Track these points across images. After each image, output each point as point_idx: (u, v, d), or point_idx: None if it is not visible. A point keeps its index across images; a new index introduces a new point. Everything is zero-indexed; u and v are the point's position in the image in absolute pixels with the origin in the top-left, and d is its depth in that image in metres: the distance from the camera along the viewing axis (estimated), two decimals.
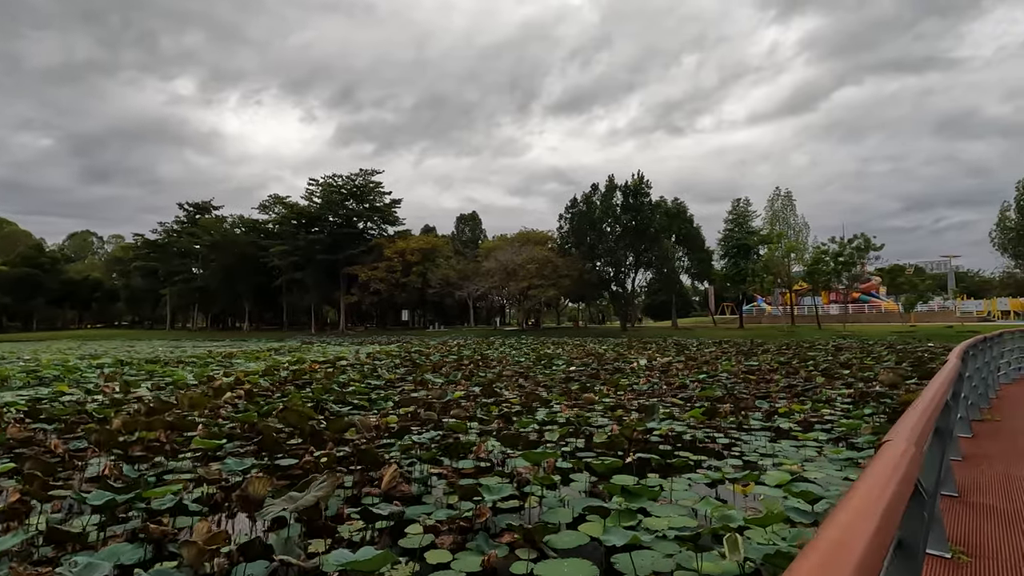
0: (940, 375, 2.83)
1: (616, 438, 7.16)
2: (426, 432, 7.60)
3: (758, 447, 7.96)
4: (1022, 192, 38.45)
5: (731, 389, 12.85)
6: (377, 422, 8.45)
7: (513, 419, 8.29)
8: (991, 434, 6.46)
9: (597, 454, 7.12)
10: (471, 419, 8.60)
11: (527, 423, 8.08)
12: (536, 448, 7.07)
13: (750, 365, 17.75)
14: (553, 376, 15.40)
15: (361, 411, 10.12)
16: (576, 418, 8.88)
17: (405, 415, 9.06)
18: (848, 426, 8.38)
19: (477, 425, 8.42)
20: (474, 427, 8.29)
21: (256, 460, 6.18)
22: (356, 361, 21.65)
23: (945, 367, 3.05)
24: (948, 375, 2.78)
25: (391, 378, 15.06)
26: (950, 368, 2.98)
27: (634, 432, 6.81)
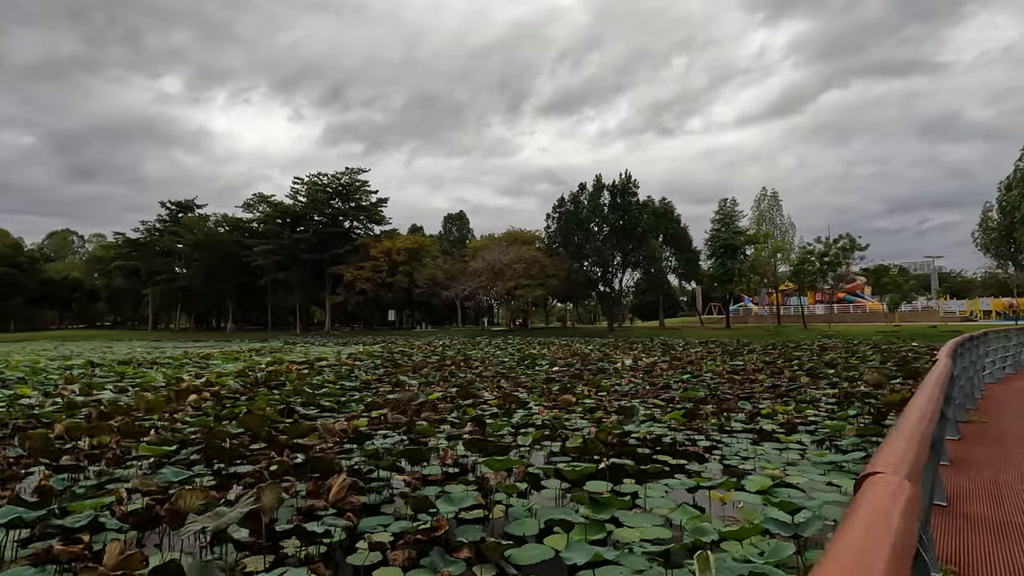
0: (931, 378, 2.54)
1: (592, 442, 6.83)
2: (393, 436, 7.23)
3: (740, 450, 7.68)
4: (1004, 193, 38.80)
5: (714, 390, 12.60)
6: (344, 426, 8.06)
7: (487, 422, 7.94)
8: (978, 436, 6.22)
9: (572, 459, 6.80)
10: (442, 422, 8.23)
11: (501, 426, 7.74)
12: (507, 453, 6.73)
13: (735, 365, 17.55)
14: (535, 377, 15.07)
15: (331, 414, 9.72)
16: (553, 420, 8.55)
17: (377, 418, 8.68)
18: (832, 427, 8.14)
19: (449, 428, 8.06)
20: (446, 431, 7.93)
21: (206, 468, 5.78)
22: (336, 362, 21.17)
23: (935, 369, 2.76)
24: (939, 378, 2.49)
25: (368, 379, 14.64)
26: (941, 369, 2.68)
27: (609, 436, 6.48)
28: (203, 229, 69.81)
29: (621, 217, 51.65)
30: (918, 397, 2.47)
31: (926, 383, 2.69)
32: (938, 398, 2.22)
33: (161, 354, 30.18)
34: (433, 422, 8.17)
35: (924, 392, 2.54)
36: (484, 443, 5.97)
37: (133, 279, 76.52)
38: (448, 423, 8.27)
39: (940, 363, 2.87)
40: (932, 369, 2.62)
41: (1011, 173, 38.30)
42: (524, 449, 7.37)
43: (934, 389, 2.45)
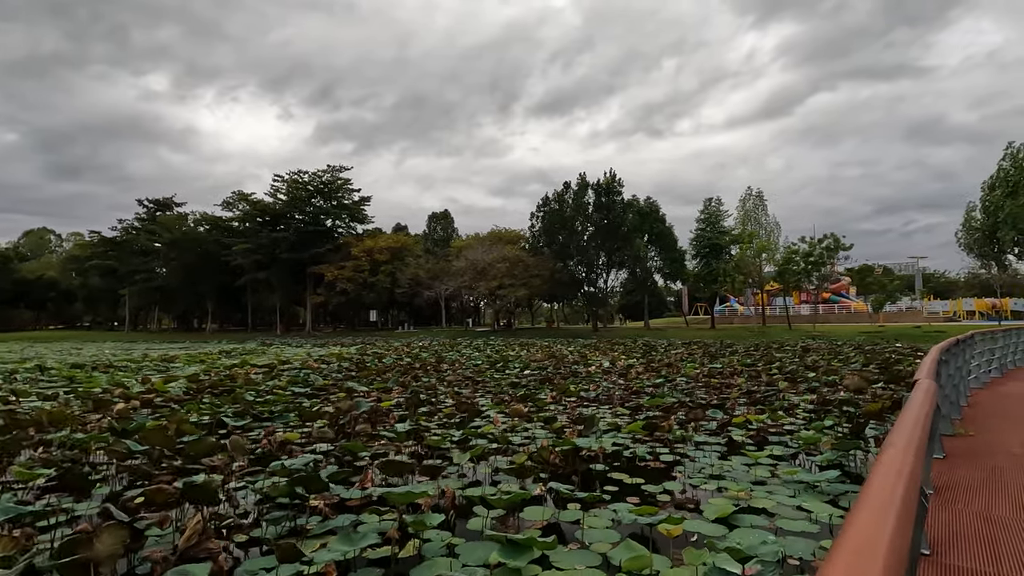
0: (910, 412, 1.81)
1: (538, 458, 6.06)
2: (311, 455, 6.41)
3: (705, 465, 6.95)
4: (987, 193, 38.64)
5: (689, 395, 11.90)
6: (264, 440, 7.23)
7: (425, 435, 7.14)
8: (966, 454, 5.51)
9: (514, 478, 6.02)
10: (376, 438, 7.41)
11: (441, 441, 6.94)
12: (437, 476, 5.93)
13: (713, 368, 16.89)
14: (501, 382, 14.29)
15: (267, 424, 8.87)
16: (502, 434, 7.78)
17: (310, 431, 7.85)
18: (807, 439, 7.43)
19: (383, 444, 7.25)
20: (377, 447, 7.12)
21: (67, 498, 4.92)
22: (301, 365, 20.24)
23: (914, 398, 2.02)
24: (919, 415, 1.76)
25: (324, 384, 13.77)
26: (920, 401, 1.94)
27: (552, 453, 5.70)
28: (180, 228, 68.21)
29: (605, 216, 50.99)
30: (896, 432, 1.73)
31: (905, 415, 1.94)
32: (916, 453, 1.47)
33: (127, 356, 29.02)
34: (367, 437, 7.35)
35: (903, 426, 1.79)
36: (401, 467, 5.16)
37: (110, 279, 74.67)
38: (386, 436, 7.45)
39: (920, 393, 2.12)
40: (910, 401, 1.89)
41: (994, 173, 38.17)
42: (464, 468, 6.58)
43: (914, 427, 1.70)
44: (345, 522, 4.85)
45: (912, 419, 1.70)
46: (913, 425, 1.67)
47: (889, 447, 1.64)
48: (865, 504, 1.10)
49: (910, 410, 1.86)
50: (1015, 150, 36.72)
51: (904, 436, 1.57)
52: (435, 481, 5.99)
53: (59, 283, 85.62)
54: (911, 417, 1.73)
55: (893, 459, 1.53)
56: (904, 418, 1.76)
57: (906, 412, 1.84)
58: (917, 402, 1.87)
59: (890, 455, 1.55)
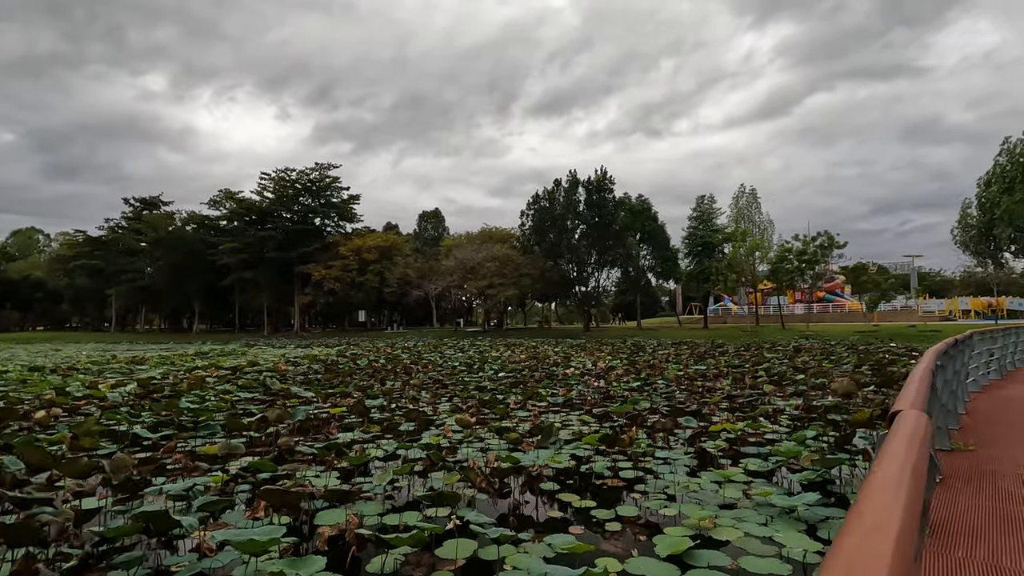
0: (882, 479, 0.97)
1: (468, 477, 5.19)
2: (206, 476, 5.52)
3: (670, 484, 6.09)
4: (983, 189, 37.88)
5: (669, 398, 11.05)
6: (176, 456, 6.35)
7: (347, 450, 6.27)
8: (966, 476, 4.66)
9: (430, 505, 5.15)
10: (290, 454, 6.52)
11: (364, 458, 6.06)
12: (346, 503, 5.05)
13: (698, 369, 16.05)
14: (469, 385, 13.42)
15: (184, 436, 7.98)
16: (456, 444, 6.93)
17: (231, 444, 6.96)
18: (786, 453, 6.58)
19: (296, 463, 6.37)
20: (303, 460, 6.24)
21: None
22: (270, 368, 19.32)
23: (890, 452, 1.17)
24: (901, 484, 0.94)
25: (280, 388, 12.88)
26: (902, 457, 1.12)
27: (479, 477, 4.82)
28: (166, 227, 67.09)
29: (597, 214, 50.12)
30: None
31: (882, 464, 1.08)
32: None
33: (99, 357, 28.07)
34: (285, 453, 6.47)
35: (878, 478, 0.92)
36: (285, 496, 4.27)
37: (97, 279, 73.49)
38: (307, 451, 6.56)
39: (900, 442, 1.23)
40: (881, 456, 1.04)
41: (991, 169, 37.40)
42: (367, 493, 5.70)
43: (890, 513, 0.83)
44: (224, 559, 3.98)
45: (888, 491, 0.86)
46: (890, 503, 0.83)
47: (836, 557, 0.76)
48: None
49: (881, 478, 1.00)
50: (1012, 145, 36.00)
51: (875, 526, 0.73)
52: (346, 507, 5.12)
53: (46, 283, 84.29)
54: (886, 487, 0.89)
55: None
56: (870, 489, 0.91)
57: (873, 482, 0.97)
58: (895, 458, 1.01)
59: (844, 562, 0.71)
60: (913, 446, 1.13)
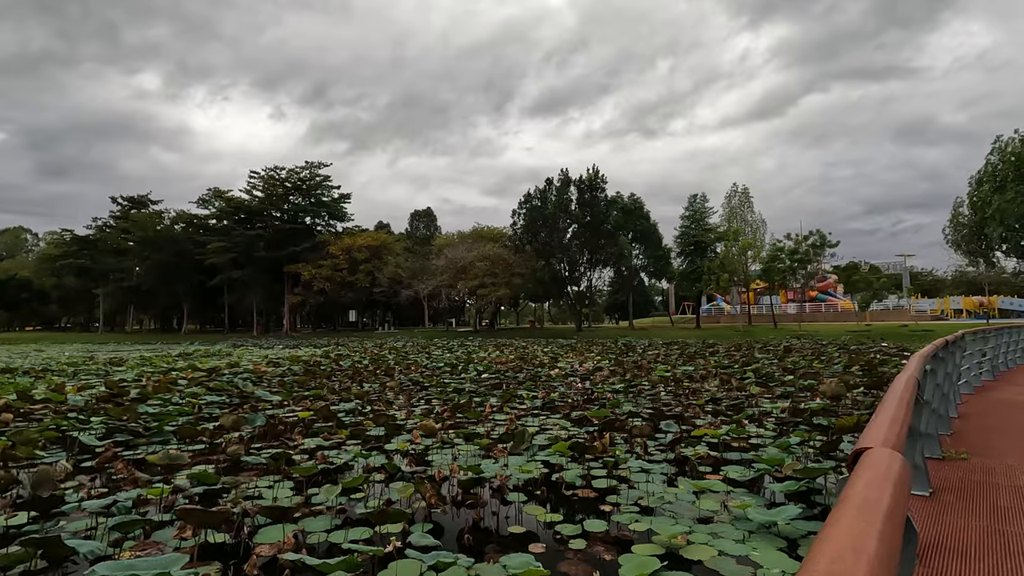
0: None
1: (420, 491, 4.78)
2: (136, 489, 5.09)
3: (645, 494, 5.70)
4: (975, 188, 37.74)
5: (653, 400, 10.68)
6: (120, 466, 5.91)
7: (310, 457, 5.86)
8: (959, 489, 4.28)
9: (371, 524, 4.73)
10: (234, 465, 6.09)
11: (313, 469, 5.63)
12: (282, 520, 4.63)
13: (686, 370, 15.69)
14: (449, 387, 13.00)
15: (138, 443, 7.54)
16: (422, 450, 6.52)
17: (173, 452, 6.55)
18: (769, 461, 6.20)
19: (251, 469, 5.94)
20: (228, 482, 5.82)
21: None
22: (250, 369, 18.83)
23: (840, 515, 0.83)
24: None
25: (250, 392, 12.42)
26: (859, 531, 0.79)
27: (430, 493, 4.41)
28: (154, 226, 66.24)
29: (588, 213, 49.74)
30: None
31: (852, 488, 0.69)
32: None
33: (81, 358, 27.45)
34: (229, 463, 6.04)
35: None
36: (207, 516, 3.85)
37: (85, 279, 72.56)
38: (252, 462, 6.13)
39: (870, 481, 0.90)
40: (834, 514, 0.71)
41: (982, 168, 37.25)
42: (340, 503, 5.28)
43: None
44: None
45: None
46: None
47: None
48: None
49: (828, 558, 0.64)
50: (1003, 144, 35.85)
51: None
52: (287, 524, 4.71)
53: (32, 283, 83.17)
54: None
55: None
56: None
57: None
58: (850, 526, 0.65)
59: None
60: (878, 508, 0.75)
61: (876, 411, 1.74)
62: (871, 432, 1.33)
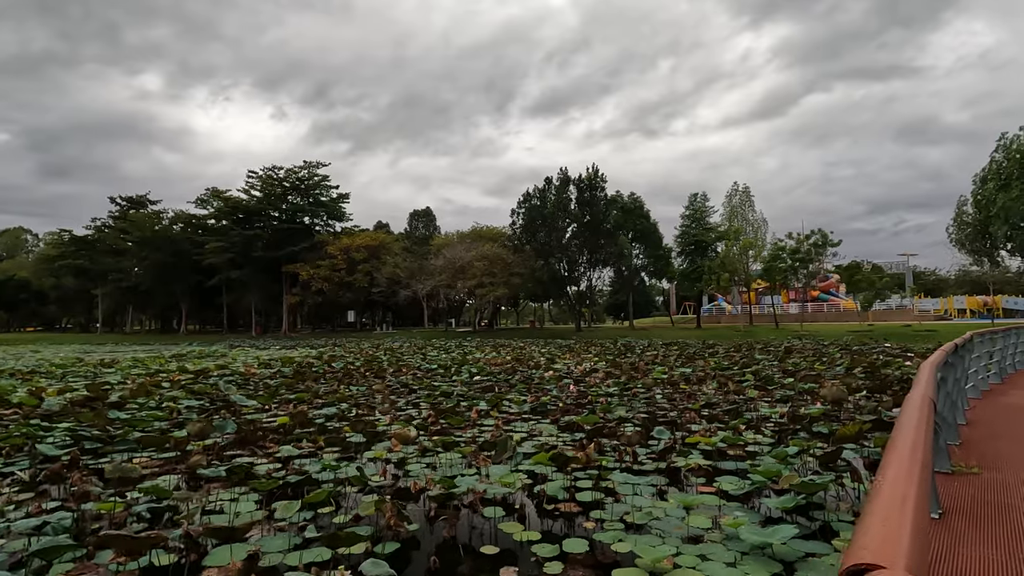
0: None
1: (380, 508, 4.40)
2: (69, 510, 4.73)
3: (631, 509, 5.32)
4: (980, 186, 37.24)
5: (649, 403, 10.30)
6: (75, 477, 5.55)
7: (254, 473, 5.49)
8: (969, 508, 3.89)
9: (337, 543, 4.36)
10: (190, 477, 5.72)
11: (274, 483, 5.26)
12: (232, 540, 4.25)
13: (684, 372, 15.29)
14: (437, 390, 12.62)
15: (102, 451, 7.20)
16: (392, 460, 6.15)
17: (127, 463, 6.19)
18: (765, 473, 5.81)
19: (215, 481, 5.58)
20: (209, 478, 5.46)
21: None
22: (238, 371, 18.48)
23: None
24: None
25: (228, 395, 12.06)
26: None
27: (389, 513, 4.04)
28: (152, 226, 65.99)
29: (588, 212, 49.31)
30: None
31: None
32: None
33: (72, 361, 27.14)
34: (186, 475, 5.67)
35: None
36: (133, 542, 3.48)
37: (83, 279, 72.36)
38: (208, 475, 5.77)
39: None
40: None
41: (987, 165, 36.75)
42: (295, 521, 4.91)
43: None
44: None
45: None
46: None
47: None
48: None
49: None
50: (1008, 141, 35.36)
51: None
52: (243, 546, 4.34)
53: (31, 284, 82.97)
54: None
55: None
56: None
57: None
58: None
59: None
60: None
61: (881, 468, 1.34)
62: (872, 528, 0.84)
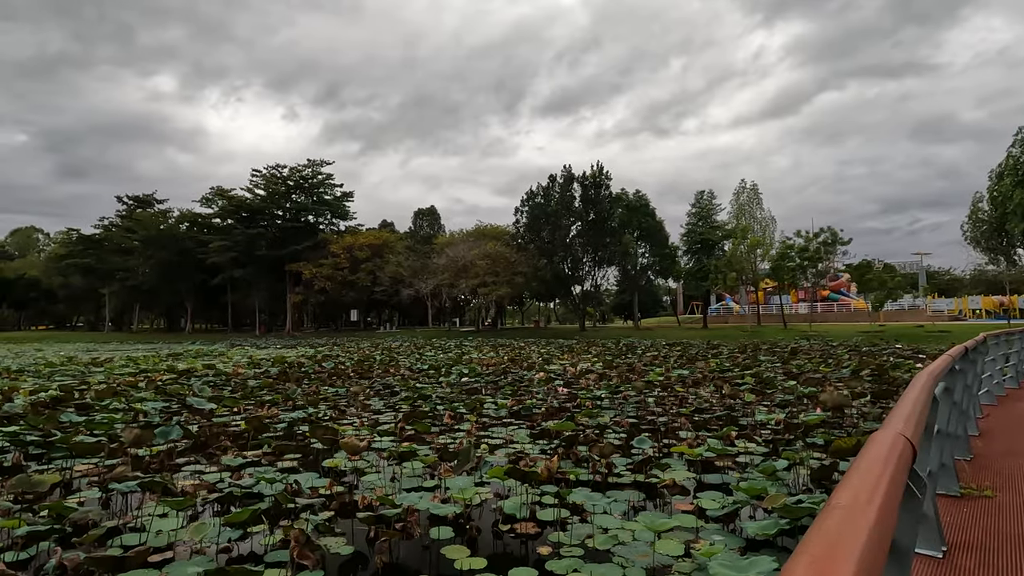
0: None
1: (288, 537, 3.85)
2: None
3: (596, 530, 4.74)
4: (995, 182, 36.10)
5: (638, 408, 9.69)
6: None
7: (171, 489, 4.96)
8: (980, 544, 3.26)
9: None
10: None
11: (189, 501, 4.74)
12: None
13: (682, 374, 14.64)
14: (422, 391, 12.07)
15: (44, 457, 6.73)
16: (347, 469, 5.60)
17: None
18: (749, 490, 5.20)
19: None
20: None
21: None
22: (224, 371, 18.07)
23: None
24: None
25: (210, 396, 11.61)
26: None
27: (294, 547, 3.48)
28: (157, 225, 66.15)
29: (592, 210, 48.58)
30: None
31: None
32: None
33: (67, 359, 26.97)
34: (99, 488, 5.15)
35: None
36: None
37: (91, 278, 72.75)
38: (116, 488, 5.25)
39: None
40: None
41: (1003, 160, 35.60)
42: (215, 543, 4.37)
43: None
44: None
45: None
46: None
47: None
48: None
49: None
50: None
51: None
52: (149, 571, 3.81)
53: (40, 282, 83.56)
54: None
55: None
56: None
57: None
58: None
59: None
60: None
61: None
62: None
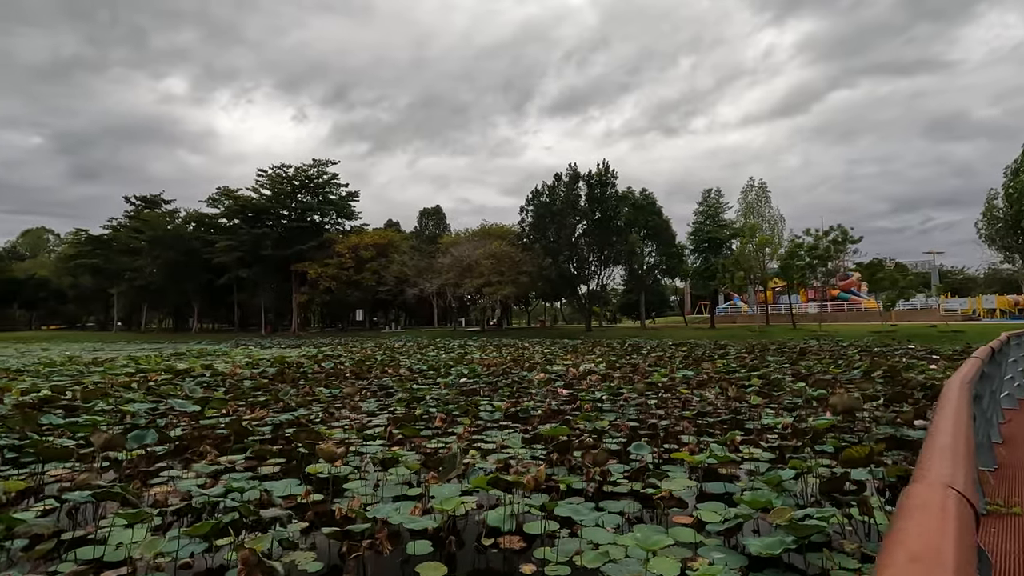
0: None
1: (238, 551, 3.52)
2: None
3: (586, 546, 4.37)
4: (1011, 179, 35.30)
5: (640, 410, 9.31)
6: None
7: (130, 499, 4.66)
8: (1013, 567, 2.86)
9: None
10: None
11: (142, 515, 4.42)
12: None
13: (686, 375, 14.22)
14: (417, 393, 11.74)
15: (18, 461, 6.47)
16: (324, 476, 5.27)
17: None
18: (752, 503, 4.80)
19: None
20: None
21: None
22: (223, 371, 17.85)
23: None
24: None
25: (196, 397, 11.34)
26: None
27: (246, 563, 3.14)
28: (163, 225, 66.43)
29: (598, 209, 48.10)
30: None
31: None
32: None
33: (70, 358, 26.92)
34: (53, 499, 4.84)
35: None
36: None
37: (99, 278, 73.24)
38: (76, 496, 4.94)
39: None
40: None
41: (1019, 157, 34.81)
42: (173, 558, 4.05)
43: None
44: None
45: None
46: None
47: None
48: None
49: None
50: None
51: None
52: None
53: (50, 282, 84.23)
54: None
55: None
56: None
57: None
58: None
59: None
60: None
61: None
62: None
